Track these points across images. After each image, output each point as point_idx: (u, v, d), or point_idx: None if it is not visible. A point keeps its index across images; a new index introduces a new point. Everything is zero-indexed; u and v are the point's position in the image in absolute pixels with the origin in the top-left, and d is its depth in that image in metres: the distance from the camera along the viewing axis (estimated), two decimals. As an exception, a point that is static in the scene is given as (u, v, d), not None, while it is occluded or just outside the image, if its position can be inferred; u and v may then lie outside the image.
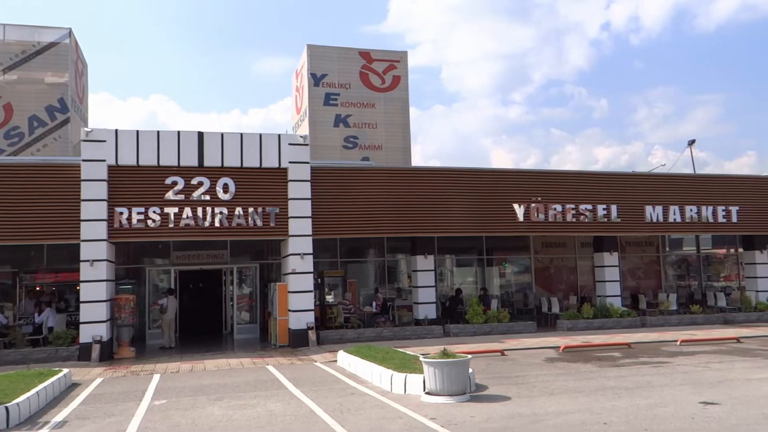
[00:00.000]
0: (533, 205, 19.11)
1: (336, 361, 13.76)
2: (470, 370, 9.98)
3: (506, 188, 19.14)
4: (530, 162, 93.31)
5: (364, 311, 19.23)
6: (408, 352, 12.96)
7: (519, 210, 19.00)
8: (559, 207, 19.35)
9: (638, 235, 22.59)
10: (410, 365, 10.97)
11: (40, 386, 10.13)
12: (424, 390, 9.70)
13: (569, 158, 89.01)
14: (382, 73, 29.60)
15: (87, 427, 8.36)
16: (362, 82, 29.27)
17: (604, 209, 19.78)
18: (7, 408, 8.53)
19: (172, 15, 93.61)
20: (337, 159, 26.53)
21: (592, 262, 21.90)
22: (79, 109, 28.40)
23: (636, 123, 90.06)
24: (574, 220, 19.50)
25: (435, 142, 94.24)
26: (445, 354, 9.65)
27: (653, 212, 20.34)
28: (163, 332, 17.83)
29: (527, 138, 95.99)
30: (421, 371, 9.95)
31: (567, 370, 12.05)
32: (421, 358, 9.94)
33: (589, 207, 19.67)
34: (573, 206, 19.49)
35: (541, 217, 19.17)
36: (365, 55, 29.62)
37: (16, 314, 17.54)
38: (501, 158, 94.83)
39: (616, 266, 20.69)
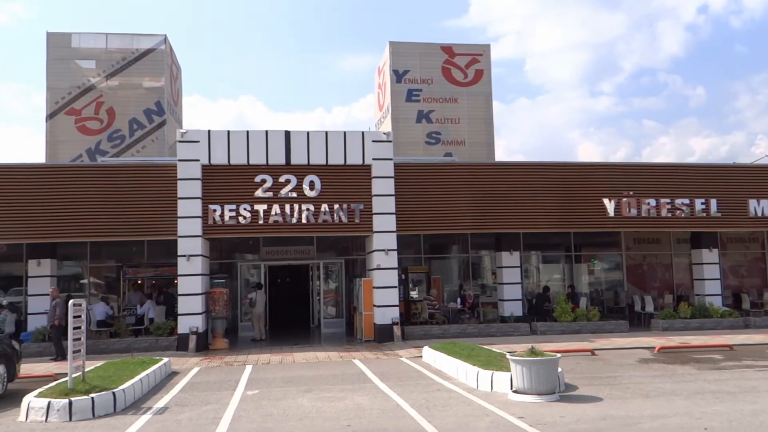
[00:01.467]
0: (625, 199, 18.40)
1: (421, 356, 13.80)
2: (559, 370, 9.74)
3: (595, 182, 18.52)
4: (620, 155, 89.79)
5: (448, 307, 19.17)
6: (494, 350, 12.81)
7: (609, 205, 18.33)
8: (653, 201, 18.52)
9: (740, 230, 21.28)
10: (496, 363, 10.83)
11: (143, 374, 10.75)
12: (511, 388, 9.55)
13: (663, 150, 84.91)
14: (464, 68, 29.29)
15: (186, 413, 8.79)
16: (444, 77, 29.08)
17: (702, 203, 18.76)
18: (114, 393, 9.11)
19: (259, 18, 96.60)
20: (419, 155, 26.51)
21: (689, 259, 20.84)
22: (174, 111, 29.84)
23: (737, 111, 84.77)
24: (669, 215, 18.60)
25: (519, 136, 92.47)
26: (532, 352, 9.46)
27: (758, 206, 19.09)
28: (254, 325, 18.53)
29: (617, 130, 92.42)
30: (507, 369, 9.81)
31: (663, 372, 11.53)
32: (508, 356, 9.79)
33: (686, 201, 18.70)
34: (668, 200, 18.60)
35: (634, 212, 18.42)
36: (447, 49, 29.41)
37: (121, 306, 18.68)
38: (588, 151, 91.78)
39: (716, 263, 19.57)
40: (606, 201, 18.35)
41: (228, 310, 17.24)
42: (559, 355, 9.74)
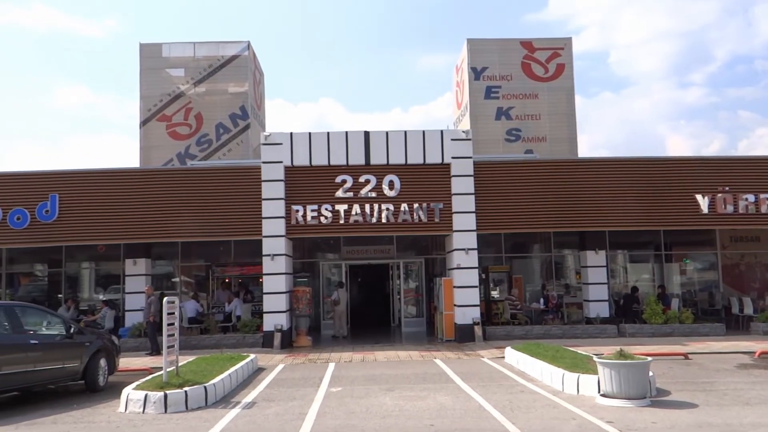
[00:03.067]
0: (720, 195, 17.40)
1: (503, 357, 13.60)
2: (650, 373, 9.34)
3: (686, 178, 17.62)
4: (713, 148, 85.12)
5: (531, 308, 18.79)
6: (579, 352, 12.44)
7: (702, 201, 17.40)
8: (751, 197, 17.42)
9: None
10: (583, 365, 10.52)
11: (231, 369, 11.15)
12: (599, 392, 9.25)
13: (761, 142, 79.86)
14: (545, 62, 28.60)
15: (273, 408, 9.05)
16: (524, 73, 28.50)
17: (807, 198, 17.46)
18: (205, 388, 9.50)
19: (337, 21, 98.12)
20: (499, 153, 26.09)
21: (793, 258, 19.47)
22: (257, 115, 30.78)
23: None
24: (770, 211, 17.44)
25: (603, 131, 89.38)
26: (621, 355, 9.11)
27: None
28: (335, 323, 18.88)
29: (709, 122, 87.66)
30: (594, 372, 9.50)
31: (765, 378, 10.83)
32: (595, 359, 9.49)
33: (789, 196, 17.46)
34: (768, 196, 17.44)
35: (730, 208, 17.39)
36: (527, 44, 28.81)
37: (210, 303, 19.46)
38: (678, 145, 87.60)
39: (823, 263, 18.20)
40: (699, 197, 17.42)
41: (311, 308, 17.63)
42: (649, 358, 9.34)
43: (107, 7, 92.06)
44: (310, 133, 17.22)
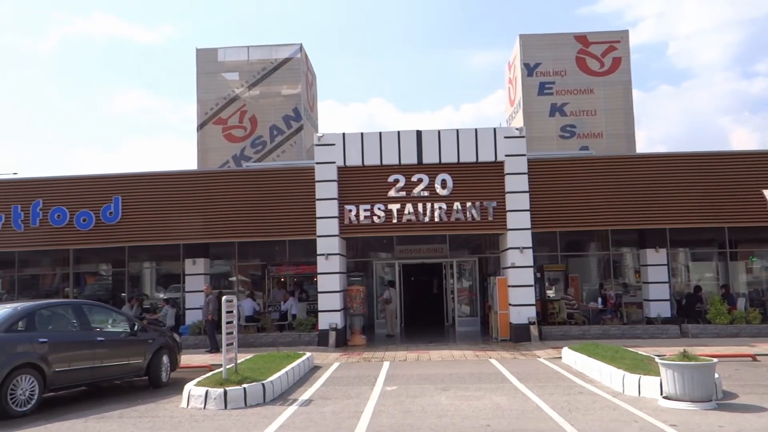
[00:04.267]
0: (788, 190, 16.61)
1: (560, 357, 13.35)
2: (716, 375, 9.01)
3: (751, 172, 16.90)
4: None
5: (588, 307, 18.39)
6: (640, 353, 12.10)
7: (770, 196, 16.64)
8: (823, 191, 16.56)
9: None
10: (644, 366, 10.23)
11: (288, 367, 11.32)
12: (661, 394, 8.97)
13: (833, 134, 75.73)
14: (600, 56, 27.93)
15: (329, 406, 9.14)
16: (579, 68, 27.91)
17: None
18: (263, 385, 9.68)
19: (386, 21, 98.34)
20: (553, 150, 25.64)
21: None
22: (310, 116, 31.16)
23: None
24: None
25: (662, 125, 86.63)
26: (685, 356, 8.81)
27: None
28: (387, 322, 18.95)
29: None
30: (656, 373, 9.23)
31: (841, 382, 10.29)
32: (657, 360, 9.21)
33: None
34: (844, 190, 16.54)
35: (800, 203, 16.58)
36: (581, 38, 28.20)
37: (266, 302, 19.82)
38: (742, 139, 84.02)
39: None
40: (766, 192, 16.67)
41: (365, 307, 17.73)
42: (715, 359, 9.00)
43: (163, 15, 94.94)
44: (362, 134, 17.32)
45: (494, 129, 17.27)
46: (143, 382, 11.47)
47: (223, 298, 10.38)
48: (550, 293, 18.66)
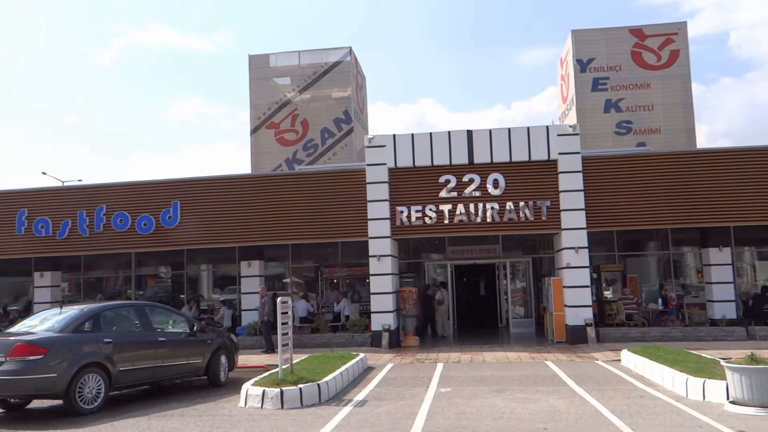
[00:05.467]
0: None
1: (619, 360, 13.01)
2: (787, 380, 8.59)
3: (824, 166, 16.08)
4: None
5: (648, 308, 17.85)
6: (704, 355, 11.69)
7: (843, 191, 15.80)
8: None
9: None
10: (708, 370, 9.87)
11: (342, 368, 11.41)
12: (728, 398, 8.63)
13: None
14: (657, 50, 27.10)
15: (384, 407, 9.17)
16: (634, 62, 27.15)
17: None
18: (318, 385, 9.79)
19: (435, 21, 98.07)
20: (608, 147, 25.04)
21: None
22: (360, 118, 31.35)
23: None
24: None
25: (724, 119, 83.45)
26: (753, 359, 8.44)
27: None
28: (439, 323, 18.89)
29: None
30: (722, 377, 8.88)
31: None
32: (723, 363, 8.87)
33: None
34: None
35: None
36: (636, 32, 27.43)
37: (319, 303, 20.03)
38: (811, 131, 79.97)
39: None
40: (839, 187, 15.84)
41: (417, 308, 17.70)
42: (786, 363, 8.60)
43: (216, 23, 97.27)
44: (412, 135, 17.31)
45: (547, 127, 16.98)
46: (202, 381, 11.76)
47: (278, 299, 10.54)
48: (608, 294, 18.20)
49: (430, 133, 17.29)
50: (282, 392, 9.32)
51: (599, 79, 27.34)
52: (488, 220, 16.62)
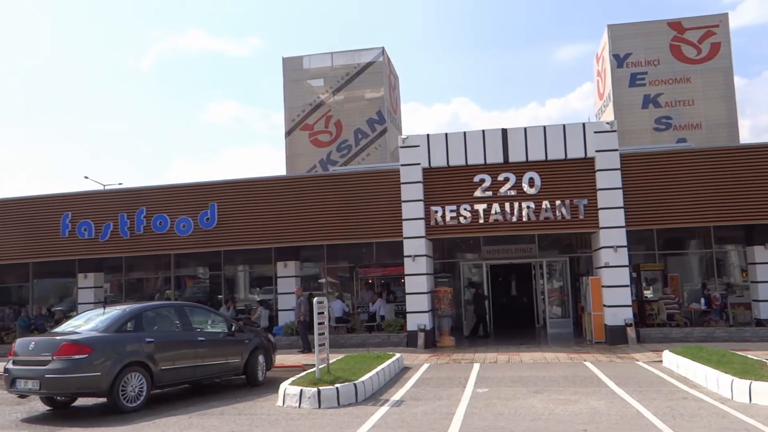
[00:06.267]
0: None
1: (660, 361, 12.74)
2: (839, 382, 8.31)
3: None
4: None
5: (690, 308, 17.43)
6: (750, 357, 11.36)
7: None
8: None
9: None
10: (755, 371, 9.59)
11: (379, 367, 11.43)
12: (776, 401, 8.37)
13: None
14: (697, 43, 26.48)
15: (420, 407, 9.15)
16: (673, 56, 26.58)
17: None
18: (355, 385, 9.82)
19: (470, 18, 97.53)
20: (647, 143, 24.54)
21: None
22: (393, 119, 31.38)
23: None
24: None
25: None
26: (802, 360, 8.19)
27: None
28: (470, 322, 18.80)
29: None
30: (769, 379, 8.63)
31: None
32: (770, 364, 8.61)
33: None
34: None
35: None
36: (675, 25, 26.83)
37: (355, 303, 20.10)
38: None
39: None
40: None
41: (452, 308, 17.62)
42: (838, 365, 8.31)
43: (250, 27, 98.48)
44: (446, 134, 17.23)
45: (583, 124, 16.73)
46: (241, 380, 11.92)
47: (315, 299, 10.62)
48: (648, 294, 17.84)
49: (464, 133, 17.20)
50: (319, 392, 9.38)
51: (637, 74, 26.85)
52: (524, 219, 16.45)
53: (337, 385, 9.58)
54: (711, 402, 8.96)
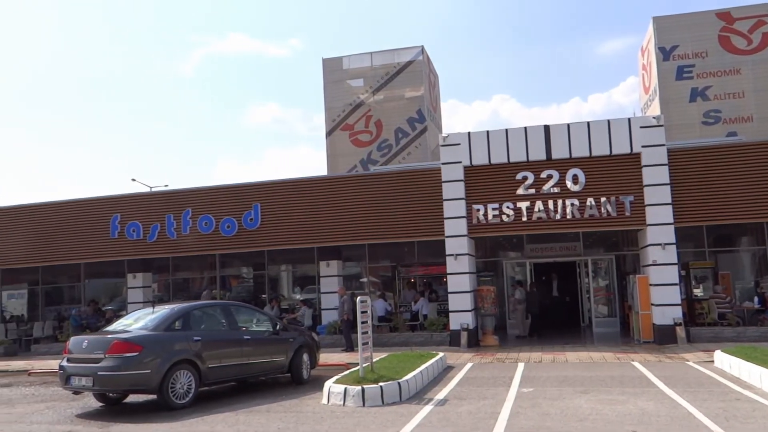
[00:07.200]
0: None
1: (712, 361, 12.38)
2: None
3: None
4: None
5: (743, 307, 16.88)
6: (808, 357, 10.94)
7: None
8: None
9: None
10: (813, 372, 9.24)
11: (422, 366, 11.41)
12: (837, 403, 8.05)
13: None
14: (747, 33, 25.67)
15: (465, 406, 9.11)
16: (722, 47, 25.83)
17: None
18: (399, 384, 9.83)
19: (509, 13, 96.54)
20: (695, 138, 23.90)
21: None
22: (433, 117, 31.31)
23: None
24: None
25: (822, 104, 77.71)
26: None
27: None
28: (518, 322, 18.59)
29: None
30: (830, 380, 8.29)
31: None
32: (830, 365, 8.28)
33: None
34: None
35: None
36: (724, 15, 26.06)
37: (397, 302, 20.13)
38: None
39: None
40: None
41: (496, 307, 17.48)
42: None
43: (291, 28, 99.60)
44: (488, 132, 17.10)
45: (629, 119, 16.37)
46: (286, 378, 12.06)
47: (358, 298, 10.67)
48: (698, 292, 17.36)
49: (506, 130, 17.03)
50: (363, 390, 9.42)
51: (684, 66, 26.19)
52: (568, 216, 16.21)
53: (381, 384, 9.61)
54: (766, 403, 8.66)
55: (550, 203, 16.31)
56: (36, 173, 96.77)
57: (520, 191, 16.53)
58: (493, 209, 16.65)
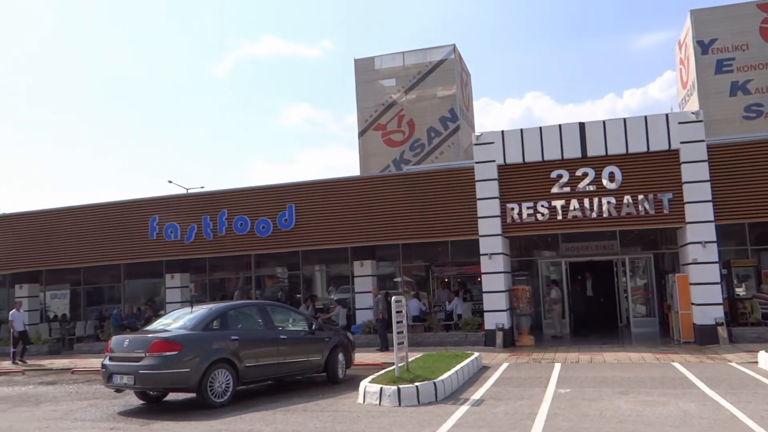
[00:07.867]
0: None
1: (756, 362, 12.06)
2: None
3: None
4: None
5: (789, 306, 16.41)
6: None
7: None
8: None
9: None
10: None
11: (458, 366, 11.38)
12: None
13: None
14: (790, 24, 24.92)
15: (501, 407, 9.05)
16: (763, 39, 25.16)
17: None
18: (435, 384, 9.82)
19: (541, 9, 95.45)
20: (736, 133, 23.28)
21: None
22: (466, 116, 31.15)
23: None
24: None
25: None
26: None
27: None
28: (554, 322, 18.39)
29: None
30: None
31: None
32: None
33: None
34: None
35: None
36: (765, 6, 25.36)
37: (431, 302, 20.09)
38: None
39: None
40: None
41: (531, 307, 17.32)
42: None
43: (323, 30, 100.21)
44: (521, 130, 16.94)
45: (666, 115, 16.05)
46: (321, 378, 12.15)
47: (392, 298, 10.69)
48: (740, 291, 16.92)
49: (540, 128, 16.85)
50: (399, 390, 9.44)
51: (723, 60, 25.56)
52: (604, 215, 15.96)
53: (416, 384, 9.61)
54: (815, 406, 8.42)
55: (586, 201, 16.08)
56: (71, 178, 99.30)
57: (555, 189, 16.34)
58: (528, 208, 16.49)
